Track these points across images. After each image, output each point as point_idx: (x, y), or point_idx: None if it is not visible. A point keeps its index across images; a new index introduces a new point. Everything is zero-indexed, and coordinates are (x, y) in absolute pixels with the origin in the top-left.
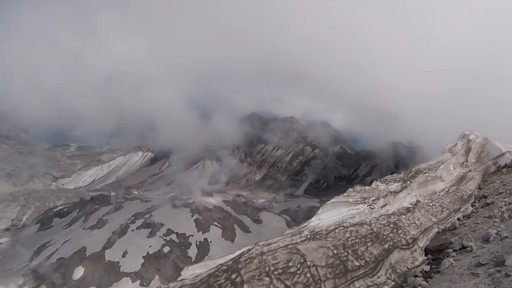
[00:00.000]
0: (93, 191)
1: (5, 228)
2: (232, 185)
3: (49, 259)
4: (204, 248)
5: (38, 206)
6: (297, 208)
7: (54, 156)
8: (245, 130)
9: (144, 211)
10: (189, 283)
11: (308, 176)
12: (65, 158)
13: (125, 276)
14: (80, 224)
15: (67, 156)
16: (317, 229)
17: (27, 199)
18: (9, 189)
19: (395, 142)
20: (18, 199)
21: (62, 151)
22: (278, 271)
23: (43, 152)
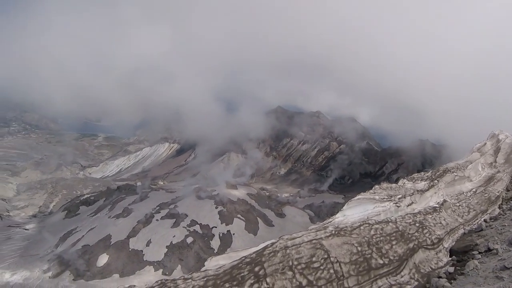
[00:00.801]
0: (119, 181)
1: (32, 215)
2: (256, 179)
3: (74, 246)
4: (227, 240)
5: (65, 194)
6: (321, 204)
7: (82, 146)
8: (271, 124)
9: (169, 202)
10: (212, 273)
11: (333, 172)
12: (93, 148)
13: (148, 264)
14: (106, 212)
15: (95, 146)
16: (342, 225)
17: (55, 187)
18: (38, 177)
19: (422, 140)
20: (46, 187)
21: (90, 141)
22: (301, 265)
23: (72, 141)
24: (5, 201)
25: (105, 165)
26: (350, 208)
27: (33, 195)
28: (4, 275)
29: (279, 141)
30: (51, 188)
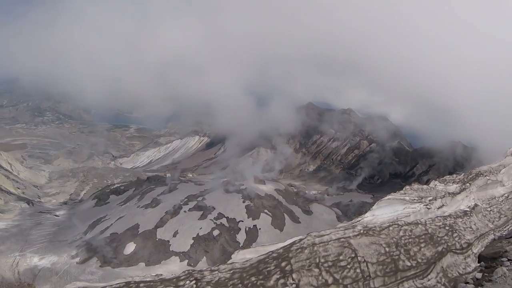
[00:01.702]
0: (149, 172)
1: (63, 202)
2: (285, 175)
3: (103, 233)
4: (253, 235)
5: (96, 183)
6: (349, 203)
7: (114, 137)
8: (301, 120)
9: (197, 194)
10: (239, 266)
11: (363, 171)
12: (125, 138)
13: (174, 255)
14: (135, 202)
15: (127, 137)
16: (370, 225)
17: (86, 176)
18: (70, 166)
19: (455, 142)
20: (77, 175)
21: (122, 132)
22: (328, 263)
23: (104, 132)
24: (37, 187)
25: (136, 156)
26: (380, 208)
27: (65, 183)
28: (33, 259)
29: (309, 137)
30: (83, 177)
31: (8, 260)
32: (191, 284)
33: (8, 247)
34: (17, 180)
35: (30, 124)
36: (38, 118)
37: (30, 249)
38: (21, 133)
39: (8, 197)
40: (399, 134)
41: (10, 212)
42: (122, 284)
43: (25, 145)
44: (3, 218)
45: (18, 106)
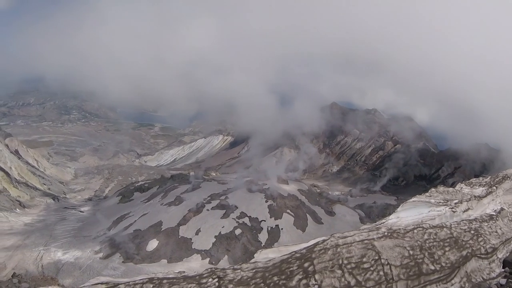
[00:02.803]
0: (173, 170)
1: (88, 198)
2: (308, 175)
3: (126, 230)
4: (275, 235)
5: (120, 180)
6: (373, 204)
7: (139, 135)
8: (326, 120)
9: (220, 193)
10: (261, 266)
11: (387, 172)
12: (149, 137)
13: (195, 253)
14: (158, 199)
15: (151, 136)
16: (395, 227)
17: (111, 173)
18: (95, 163)
19: (481, 143)
20: (102, 172)
21: (147, 131)
22: (351, 265)
23: (129, 130)
24: (62, 184)
25: (160, 154)
26: (405, 210)
27: (90, 179)
28: (57, 253)
29: (333, 138)
30: (108, 174)
31: (32, 254)
32: (214, 282)
33: (33, 241)
34: (43, 176)
35: (56, 122)
36: (65, 116)
37: (55, 244)
38: (48, 131)
39: (34, 193)
40: (425, 135)
41: (36, 207)
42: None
43: (51, 142)
44: (29, 213)
45: (45, 104)
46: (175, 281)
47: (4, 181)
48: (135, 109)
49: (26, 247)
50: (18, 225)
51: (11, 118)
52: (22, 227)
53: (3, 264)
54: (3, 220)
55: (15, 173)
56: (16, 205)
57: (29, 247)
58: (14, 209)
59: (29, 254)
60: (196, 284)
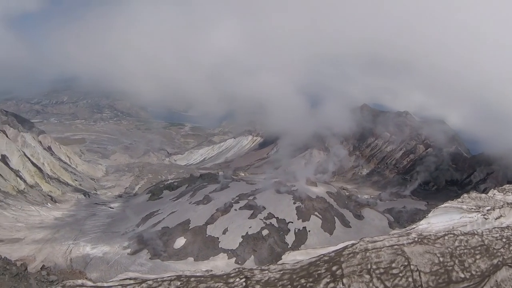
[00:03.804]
0: (202, 169)
1: (118, 195)
2: (337, 177)
3: (155, 227)
4: (302, 237)
5: (150, 178)
6: (402, 209)
7: (169, 134)
8: (356, 122)
9: (248, 193)
10: (289, 267)
11: (418, 176)
12: (179, 136)
13: (222, 252)
14: (187, 198)
15: (181, 135)
16: (425, 233)
17: (141, 171)
18: (126, 161)
19: None
20: (133, 170)
21: (177, 130)
22: (380, 270)
23: (160, 129)
24: (94, 180)
25: (190, 154)
26: (436, 216)
27: (120, 176)
28: (86, 248)
29: (363, 140)
30: (138, 172)
31: (61, 247)
32: (241, 281)
33: (62, 235)
34: (75, 172)
35: (89, 120)
36: (97, 114)
37: (84, 238)
38: (81, 129)
39: (65, 188)
40: (457, 139)
41: (67, 202)
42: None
43: (84, 139)
44: (60, 207)
45: (78, 103)
46: (202, 279)
47: (37, 176)
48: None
49: (55, 241)
50: (49, 219)
51: (44, 115)
52: (53, 221)
53: (32, 257)
54: (35, 214)
55: (48, 169)
56: (48, 200)
57: (59, 240)
58: (45, 204)
59: (58, 248)
60: (224, 283)
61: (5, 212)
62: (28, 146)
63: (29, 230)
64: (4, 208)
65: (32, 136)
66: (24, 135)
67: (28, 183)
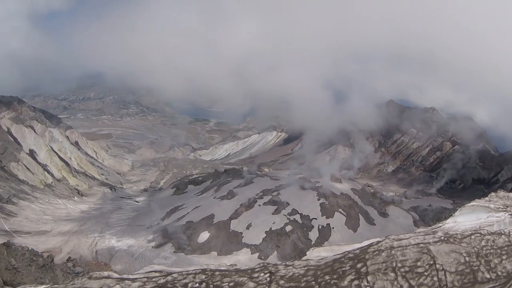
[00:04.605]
0: (227, 164)
1: (143, 189)
2: (362, 174)
3: (179, 221)
4: (325, 233)
5: (175, 173)
6: (428, 207)
7: (194, 129)
8: (382, 118)
9: (272, 189)
10: (313, 264)
11: (445, 174)
12: (204, 132)
13: (245, 247)
14: (211, 193)
15: (206, 130)
16: (451, 232)
17: (167, 166)
18: (152, 155)
19: None
20: (158, 165)
21: (202, 125)
22: (405, 268)
23: (185, 125)
24: (120, 174)
25: (214, 149)
26: (462, 215)
27: (146, 171)
28: (111, 241)
29: (389, 136)
30: (163, 166)
31: (87, 240)
32: (265, 276)
33: (88, 227)
34: (102, 167)
35: (115, 116)
36: (123, 110)
37: (109, 231)
38: (107, 124)
39: (92, 182)
40: (485, 137)
41: (93, 196)
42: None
43: (110, 135)
44: (86, 201)
45: (104, 99)
46: (227, 273)
47: (64, 171)
48: (191, 104)
49: (81, 233)
50: (75, 212)
51: (72, 111)
52: (79, 214)
53: (59, 248)
54: (61, 207)
55: (75, 163)
56: (74, 193)
57: (85, 233)
58: (72, 197)
59: (84, 240)
60: (248, 277)
61: (33, 205)
62: (55, 141)
63: (55, 223)
64: (31, 201)
65: (60, 132)
66: (52, 131)
67: (56, 177)
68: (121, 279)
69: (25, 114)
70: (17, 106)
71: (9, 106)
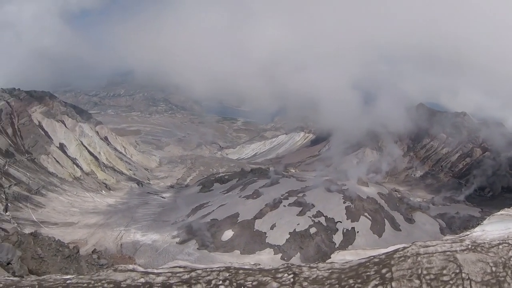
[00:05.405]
0: (253, 164)
1: (170, 185)
2: (390, 178)
3: (204, 218)
4: (350, 237)
5: (202, 170)
6: (455, 215)
7: (222, 128)
8: (411, 121)
9: (298, 190)
10: (338, 267)
11: (474, 181)
12: (232, 130)
13: (269, 247)
14: (237, 192)
15: (234, 129)
16: (479, 241)
17: (194, 163)
18: (179, 153)
19: None
20: (185, 162)
21: (230, 124)
22: (430, 276)
23: (213, 123)
24: (147, 170)
25: (241, 148)
26: (491, 224)
27: (173, 168)
28: (136, 235)
29: (419, 140)
30: (190, 164)
31: (113, 233)
32: (289, 277)
33: (115, 221)
34: (130, 162)
35: (144, 113)
36: (152, 107)
37: (135, 226)
38: (136, 120)
39: (120, 177)
40: None
41: (120, 190)
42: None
43: (139, 131)
44: (113, 195)
45: (134, 96)
46: (250, 272)
47: (93, 165)
48: (219, 103)
49: (107, 226)
50: (102, 205)
51: (102, 107)
52: (106, 207)
53: (85, 240)
54: (89, 200)
55: (104, 158)
56: (102, 187)
57: (111, 226)
58: (100, 191)
59: (110, 233)
60: (272, 277)
61: (61, 197)
62: (85, 136)
63: (82, 215)
64: (60, 193)
65: (90, 127)
66: (82, 125)
67: (84, 171)
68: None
69: (56, 109)
70: (49, 101)
71: (41, 100)
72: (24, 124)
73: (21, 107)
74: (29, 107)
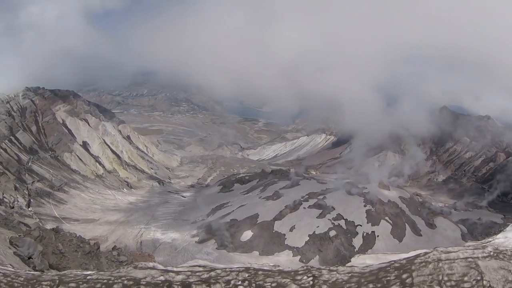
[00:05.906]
0: (274, 165)
1: (190, 185)
2: (412, 182)
3: (223, 218)
4: (370, 241)
5: (223, 171)
6: (477, 221)
7: (243, 129)
8: (434, 125)
9: (318, 192)
10: (358, 271)
11: (497, 186)
12: (253, 131)
13: (287, 249)
14: (257, 193)
15: (255, 130)
16: (501, 248)
17: (215, 163)
18: (200, 153)
19: None
20: (206, 162)
21: (251, 125)
22: (451, 282)
23: (234, 124)
24: (168, 169)
25: (262, 149)
26: None
27: (194, 167)
28: (156, 233)
29: (442, 144)
30: (211, 164)
31: (133, 230)
32: (308, 280)
33: (135, 218)
34: (151, 161)
35: (167, 113)
36: (175, 107)
37: (155, 224)
38: (158, 120)
39: (141, 175)
40: None
41: (142, 188)
42: (242, 269)
43: (161, 131)
44: (135, 193)
45: (157, 96)
46: (270, 273)
47: (115, 163)
48: (241, 104)
49: (128, 224)
50: (123, 203)
51: (125, 107)
52: (127, 205)
53: (105, 237)
54: (110, 198)
55: (126, 156)
56: (124, 185)
57: (131, 224)
58: (121, 189)
59: (130, 231)
60: (291, 279)
61: (83, 194)
62: (108, 134)
63: (103, 212)
64: (82, 190)
65: (113, 125)
66: (105, 124)
67: (107, 169)
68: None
69: (80, 108)
70: (73, 100)
71: (65, 99)
72: (48, 122)
73: (46, 105)
74: (53, 106)
